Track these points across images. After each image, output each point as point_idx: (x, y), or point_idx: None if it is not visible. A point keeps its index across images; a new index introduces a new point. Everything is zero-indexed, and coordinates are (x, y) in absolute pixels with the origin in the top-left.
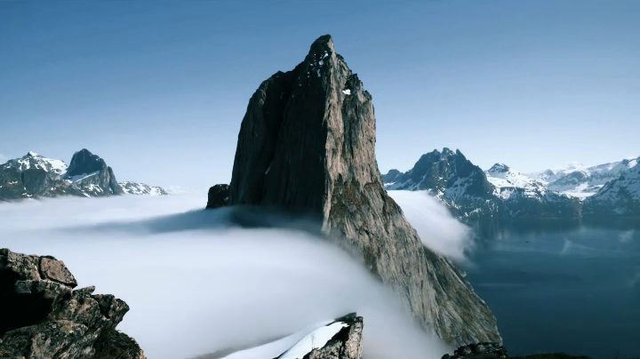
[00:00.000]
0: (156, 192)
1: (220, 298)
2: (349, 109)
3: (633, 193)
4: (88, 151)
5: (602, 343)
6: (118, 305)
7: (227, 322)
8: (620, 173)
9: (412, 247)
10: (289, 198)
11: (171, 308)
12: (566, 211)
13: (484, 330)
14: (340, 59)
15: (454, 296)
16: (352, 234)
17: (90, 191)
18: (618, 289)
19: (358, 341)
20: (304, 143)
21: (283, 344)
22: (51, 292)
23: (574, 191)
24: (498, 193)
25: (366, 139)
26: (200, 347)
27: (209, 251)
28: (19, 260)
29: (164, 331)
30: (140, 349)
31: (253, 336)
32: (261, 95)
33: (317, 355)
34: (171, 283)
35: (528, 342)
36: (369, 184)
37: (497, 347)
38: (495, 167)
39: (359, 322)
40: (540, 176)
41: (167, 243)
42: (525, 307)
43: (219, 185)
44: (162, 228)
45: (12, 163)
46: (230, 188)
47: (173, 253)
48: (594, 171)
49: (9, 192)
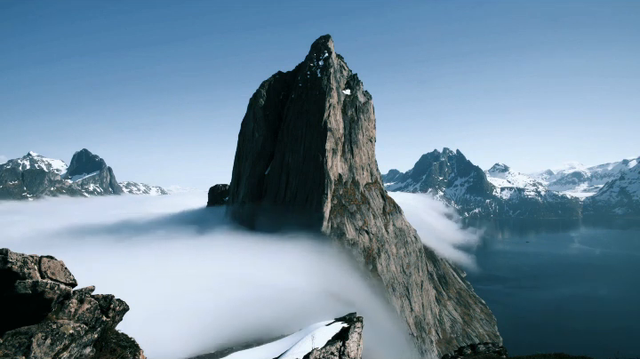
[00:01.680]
0: (156, 192)
1: (219, 298)
2: (349, 109)
3: (633, 193)
4: (88, 151)
5: (602, 343)
6: (118, 305)
7: (227, 322)
8: (620, 173)
9: (412, 247)
10: (289, 198)
11: (171, 308)
12: (566, 211)
13: (484, 330)
14: (340, 59)
15: (454, 296)
16: (352, 234)
17: (90, 191)
18: (618, 289)
19: (358, 341)
20: (304, 143)
21: (283, 344)
22: (51, 292)
23: (574, 191)
24: (498, 193)
25: (366, 139)
26: (200, 346)
27: (209, 251)
28: (19, 260)
29: (163, 331)
30: (140, 349)
31: (253, 336)
32: (261, 95)
33: (317, 354)
34: (171, 284)
35: (528, 342)
36: (369, 184)
37: (497, 347)
38: (495, 167)
39: (359, 322)
40: (539, 176)
41: (167, 243)
42: (525, 307)
43: (219, 185)
44: (162, 229)
45: (12, 163)
46: (230, 188)
47: (173, 254)
48: (594, 171)
49: (9, 192)
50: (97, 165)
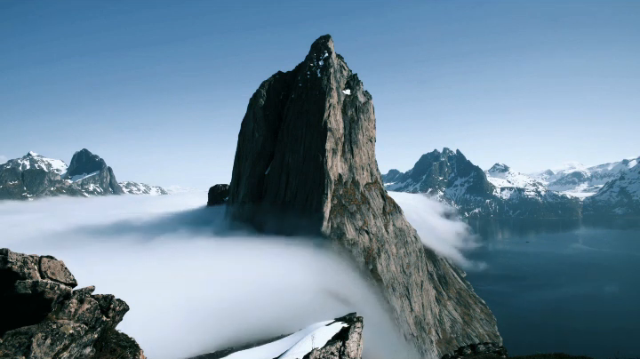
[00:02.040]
0: (156, 192)
1: (219, 298)
2: (349, 109)
3: (633, 193)
4: (88, 151)
5: (602, 343)
6: (118, 305)
7: (227, 322)
8: (620, 173)
9: (412, 247)
10: (289, 198)
11: (171, 308)
12: (566, 211)
13: (484, 330)
14: (340, 59)
15: (454, 296)
16: (352, 234)
17: (90, 191)
18: (618, 289)
19: (358, 341)
20: (304, 143)
21: (283, 344)
22: (51, 292)
23: (574, 191)
24: (498, 193)
25: (366, 139)
26: (200, 346)
27: (209, 252)
28: (19, 260)
29: (163, 331)
30: (140, 349)
31: (253, 336)
32: (261, 95)
33: (317, 354)
34: (171, 284)
35: (528, 342)
36: (369, 184)
37: (497, 347)
38: (495, 167)
39: (359, 321)
40: (540, 176)
41: (167, 243)
42: (525, 307)
43: (219, 185)
44: (162, 229)
45: (12, 163)
46: (230, 188)
47: (173, 254)
48: (594, 171)
49: (9, 192)
50: (97, 165)
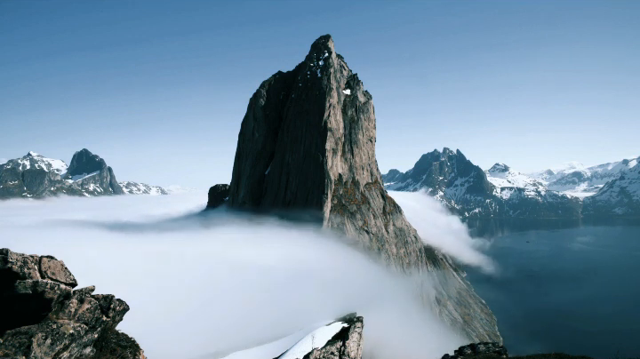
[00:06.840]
0: (157, 192)
1: (219, 298)
2: (349, 109)
3: (633, 193)
4: (88, 151)
5: (602, 343)
6: (118, 305)
7: (227, 321)
8: (620, 173)
9: (412, 247)
10: (289, 198)
11: (171, 308)
12: (566, 211)
13: (484, 330)
14: (341, 58)
15: (454, 296)
16: (352, 233)
17: (90, 191)
18: (618, 289)
19: (358, 341)
20: (304, 143)
21: (283, 344)
22: (51, 292)
23: (574, 191)
24: (498, 193)
25: (366, 139)
26: (200, 346)
27: (209, 251)
28: (19, 260)
29: (164, 331)
30: (140, 349)
31: (253, 336)
32: (261, 95)
33: (317, 354)
34: (171, 284)
35: (528, 342)
36: (369, 184)
37: (497, 347)
38: (495, 167)
39: (359, 322)
40: (540, 176)
41: (167, 243)
42: (525, 307)
43: (219, 185)
44: (162, 229)
45: (12, 163)
46: (230, 188)
47: (173, 254)
48: (594, 171)
49: (9, 192)
50: (97, 165)
